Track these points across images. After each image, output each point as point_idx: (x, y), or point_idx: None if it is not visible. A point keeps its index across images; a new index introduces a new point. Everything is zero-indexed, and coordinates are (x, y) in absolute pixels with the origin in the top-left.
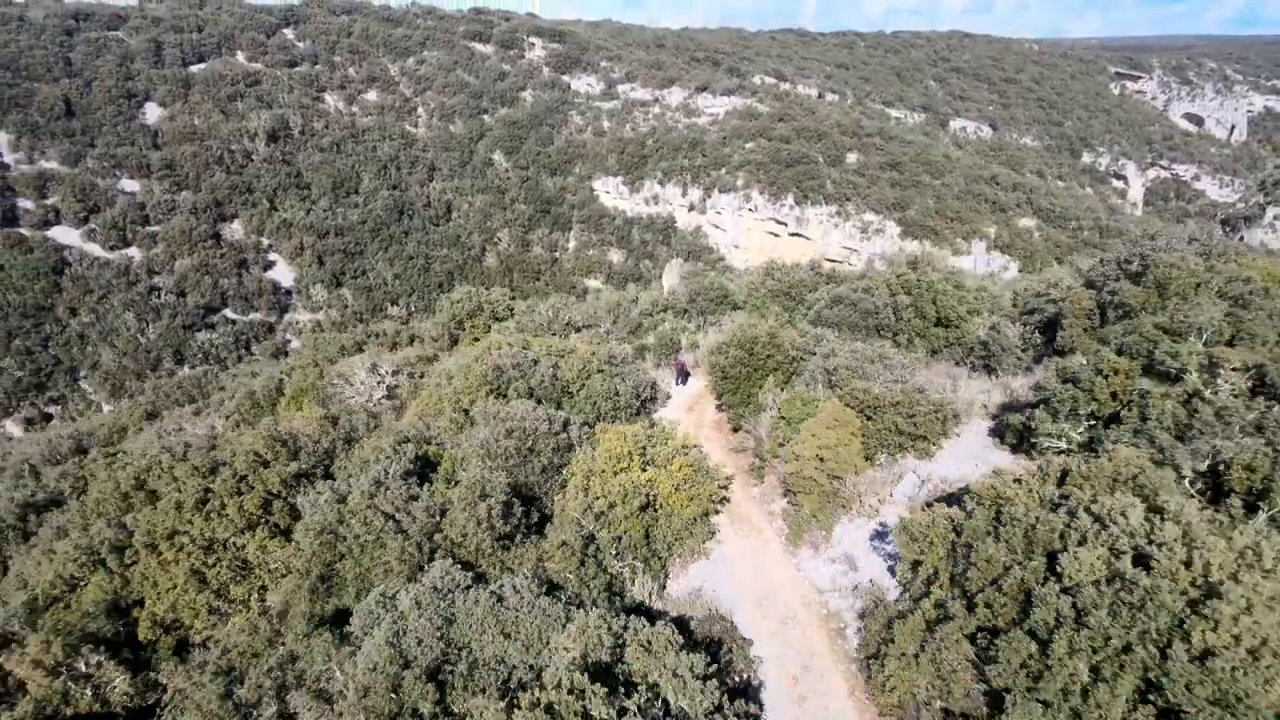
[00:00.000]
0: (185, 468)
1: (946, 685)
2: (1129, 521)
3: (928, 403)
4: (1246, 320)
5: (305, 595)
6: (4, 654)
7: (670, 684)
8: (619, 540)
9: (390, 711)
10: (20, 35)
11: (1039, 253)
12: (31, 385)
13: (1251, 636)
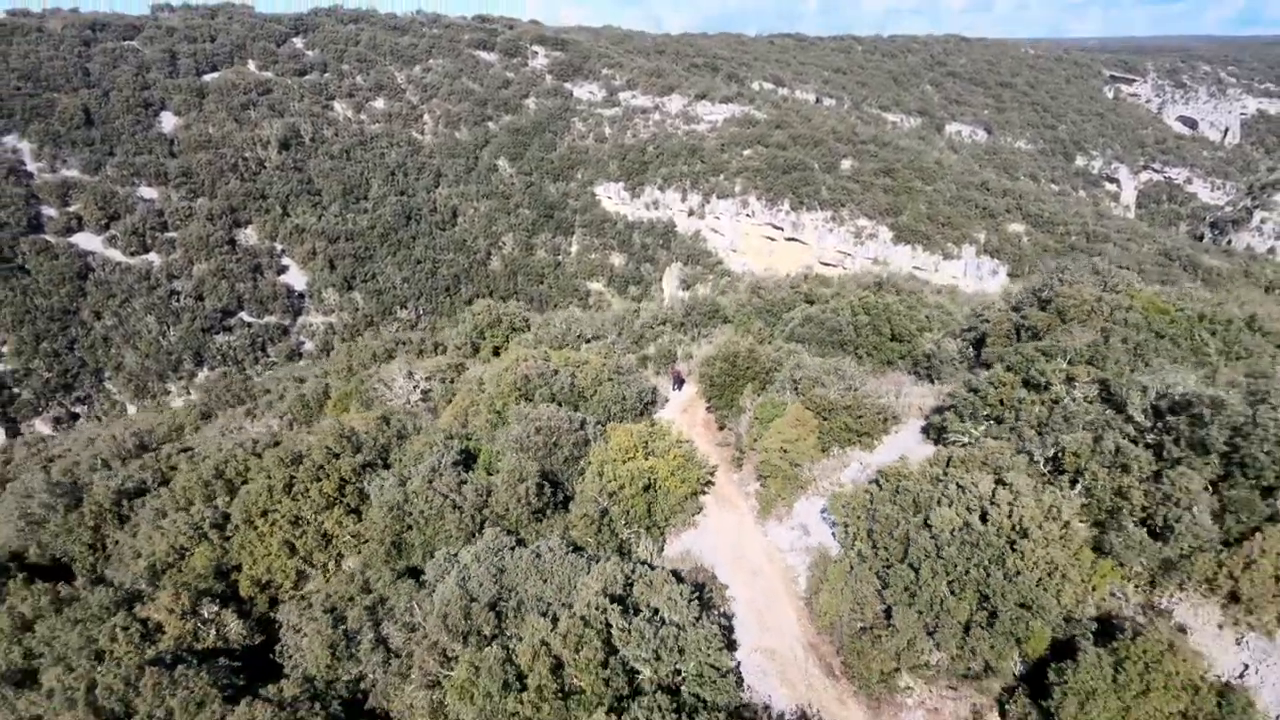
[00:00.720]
0: (272, 458)
1: (860, 608)
2: (979, 490)
3: (872, 406)
4: (1104, 346)
5: (382, 556)
6: (138, 606)
7: (665, 605)
8: (627, 514)
9: (462, 631)
10: (40, 46)
11: (1028, 256)
12: (59, 386)
13: (1047, 564)
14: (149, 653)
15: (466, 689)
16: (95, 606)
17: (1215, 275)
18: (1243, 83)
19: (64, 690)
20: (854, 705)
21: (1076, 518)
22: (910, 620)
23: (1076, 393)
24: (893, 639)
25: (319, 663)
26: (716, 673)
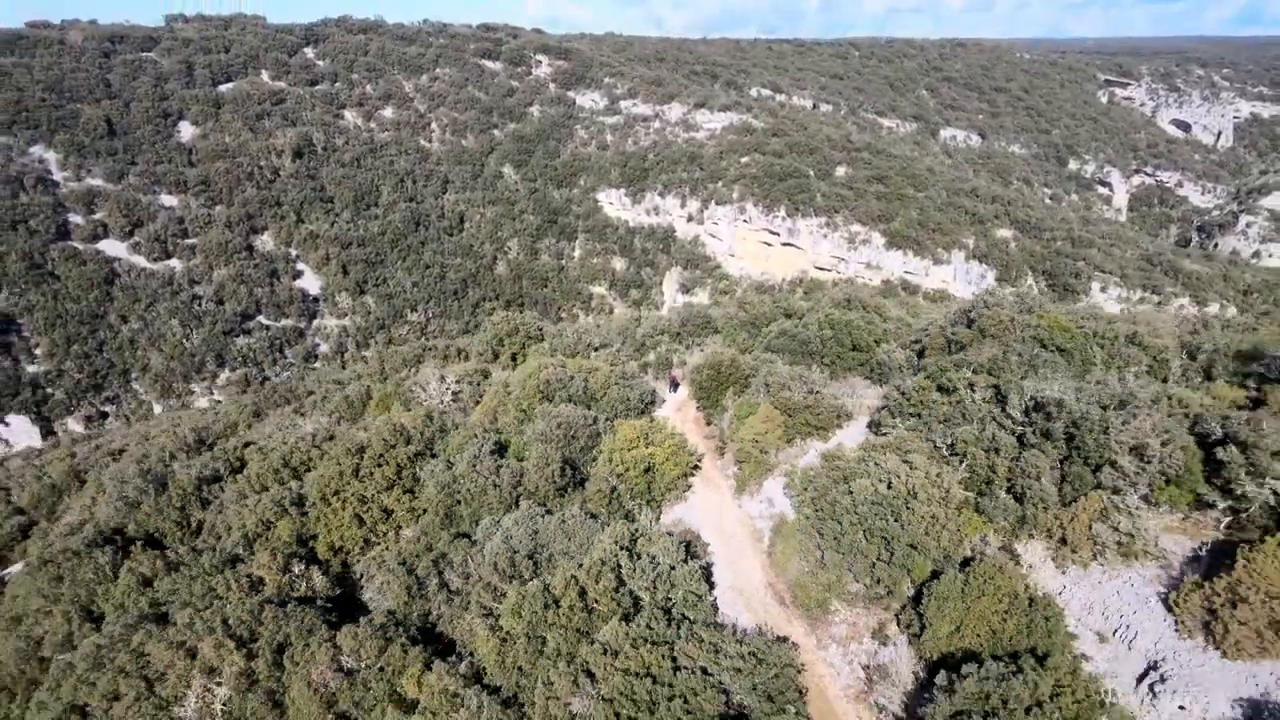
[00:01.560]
0: (340, 449)
1: (804, 555)
2: (887, 466)
3: (829, 406)
4: (1002, 359)
5: (437, 524)
6: (239, 565)
7: (660, 553)
8: (631, 490)
9: (509, 574)
10: (62, 59)
11: (1014, 261)
12: (89, 386)
13: (929, 518)
14: (250, 603)
15: (516, 610)
16: (206, 565)
17: (1195, 279)
18: (1236, 86)
19: (202, 623)
20: (798, 624)
21: (958, 486)
22: (836, 561)
23: (975, 395)
24: (825, 575)
25: (398, 600)
26: (696, 598)
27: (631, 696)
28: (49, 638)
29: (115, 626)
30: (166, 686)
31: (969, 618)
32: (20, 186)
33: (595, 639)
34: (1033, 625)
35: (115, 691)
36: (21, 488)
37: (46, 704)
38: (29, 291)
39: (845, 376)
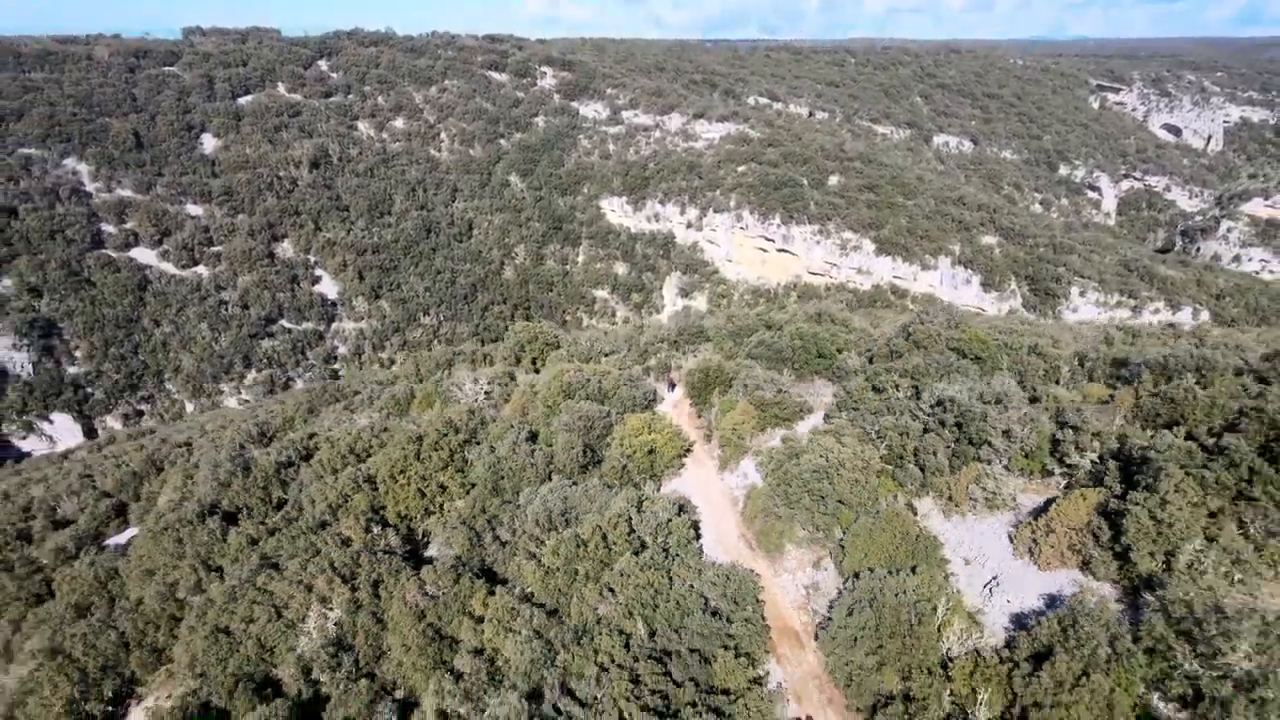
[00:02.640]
0: (402, 437)
1: (765, 511)
2: (825, 445)
3: (793, 402)
4: (924, 365)
5: (487, 495)
6: (327, 528)
7: (660, 510)
8: (638, 467)
9: (546, 527)
10: (90, 74)
11: (998, 267)
12: (126, 386)
13: (853, 482)
14: (348, 552)
15: (555, 550)
16: (304, 527)
17: (1170, 285)
18: (1226, 91)
19: (314, 566)
20: (761, 561)
21: (878, 459)
22: (788, 514)
23: (899, 393)
24: (780, 524)
25: (462, 549)
26: (686, 541)
27: (640, 601)
28: (182, 583)
29: (241, 571)
30: (290, 612)
31: (873, 548)
32: (56, 197)
33: (613, 568)
34: (916, 553)
35: (251, 616)
36: (105, 475)
37: (196, 628)
38: (68, 297)
39: (811, 379)
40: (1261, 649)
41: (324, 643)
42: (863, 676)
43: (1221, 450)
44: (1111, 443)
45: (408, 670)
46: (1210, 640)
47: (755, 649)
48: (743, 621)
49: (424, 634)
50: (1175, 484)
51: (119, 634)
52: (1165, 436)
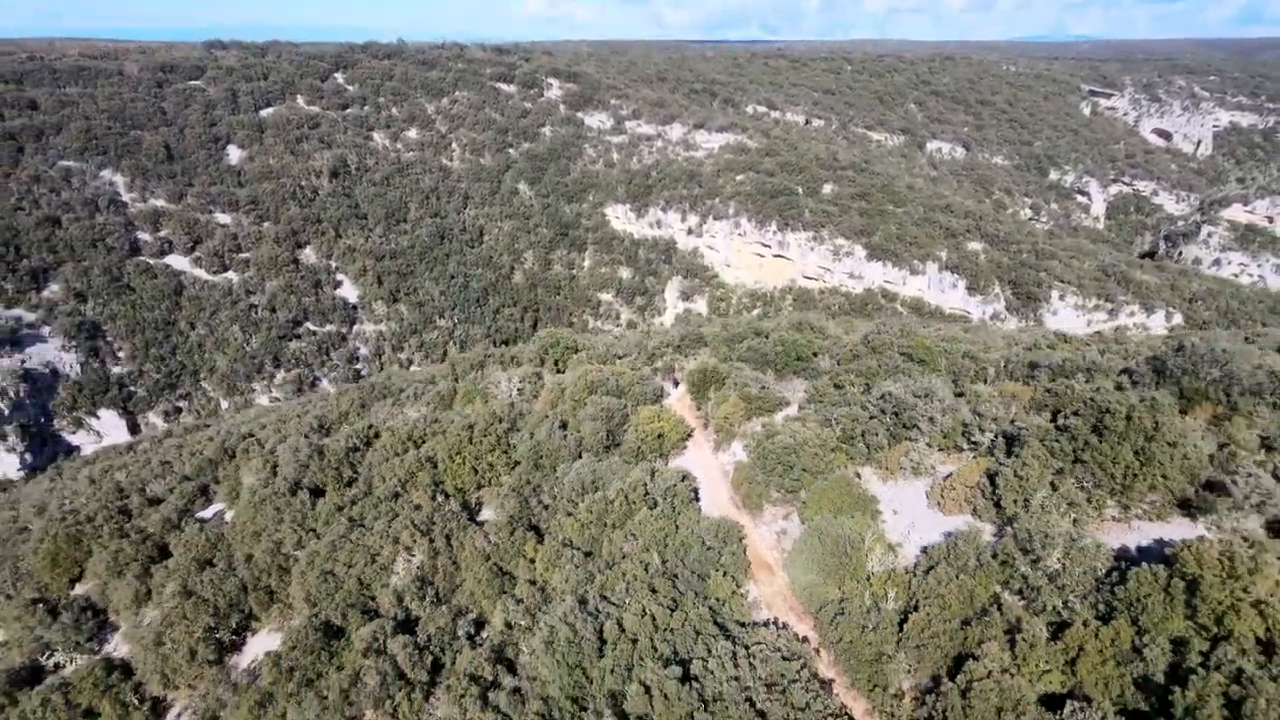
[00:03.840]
0: (456, 426)
1: (749, 477)
2: (794, 429)
3: (773, 397)
4: (876, 367)
5: (530, 470)
6: (400, 498)
7: (668, 479)
8: (649, 448)
9: (580, 492)
10: (122, 89)
11: (983, 272)
12: (165, 385)
13: (814, 455)
14: (422, 514)
15: (589, 508)
16: (379, 498)
17: (1144, 289)
18: (1216, 96)
19: (399, 524)
20: (745, 516)
21: (834, 439)
22: (764, 480)
23: (854, 390)
24: (758, 488)
25: (513, 510)
26: (687, 500)
27: (654, 540)
28: (285, 540)
29: (336, 530)
30: (381, 558)
31: (826, 504)
32: (95, 207)
33: (634, 519)
34: (858, 506)
35: (350, 562)
36: (182, 461)
37: (306, 572)
38: (111, 302)
39: (790, 378)
40: (1066, 555)
41: (411, 580)
42: (812, 589)
43: (1067, 429)
44: (1005, 425)
45: (478, 598)
46: (1037, 552)
47: (738, 574)
48: (729, 554)
49: (490, 570)
50: (1033, 452)
51: (238, 580)
52: (1034, 419)
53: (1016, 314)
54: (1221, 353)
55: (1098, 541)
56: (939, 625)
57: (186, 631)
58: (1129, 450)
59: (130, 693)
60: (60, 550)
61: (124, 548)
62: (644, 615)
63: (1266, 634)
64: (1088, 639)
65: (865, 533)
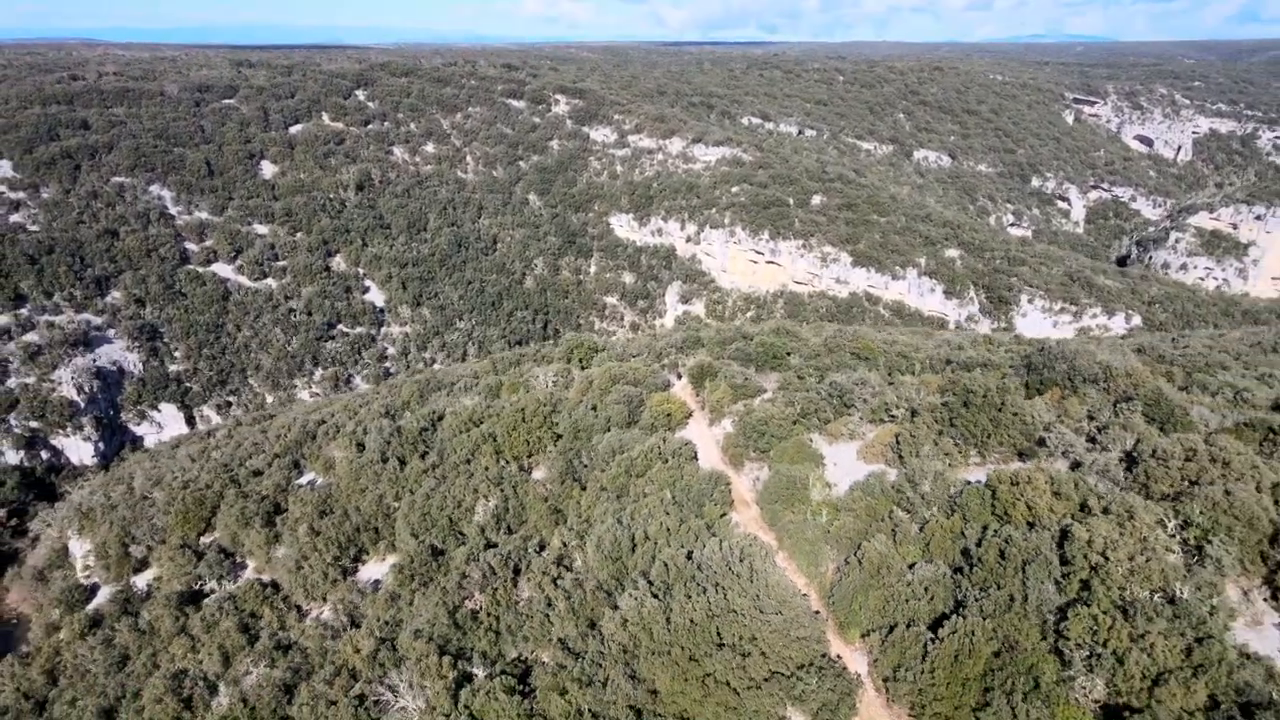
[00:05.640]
0: (510, 410)
1: (734, 442)
2: (765, 406)
3: (754, 386)
4: (830, 364)
5: (571, 438)
6: (470, 463)
7: (675, 444)
8: (660, 424)
9: (612, 453)
10: (164, 108)
11: (960, 277)
12: (217, 382)
13: (778, 428)
14: (491, 472)
15: (618, 464)
16: (452, 463)
17: (1107, 293)
18: (1196, 103)
19: (476, 479)
20: (730, 470)
21: (794, 414)
22: (744, 443)
23: (811, 380)
24: (739, 449)
25: (561, 468)
26: (689, 459)
27: (666, 483)
28: (386, 495)
29: (427, 484)
30: (465, 504)
31: (785, 457)
32: (148, 220)
33: (651, 470)
34: (807, 459)
35: (443, 505)
36: (270, 442)
37: (408, 514)
38: (166, 306)
39: (767, 372)
40: (936, 485)
41: (489, 518)
42: (775, 512)
43: (947, 404)
44: (913, 403)
45: (540, 529)
46: (921, 484)
47: (724, 505)
48: (718, 492)
49: (548, 509)
50: (924, 420)
51: (352, 523)
52: (932, 398)
53: (989, 316)
54: (1070, 352)
55: (956, 475)
56: (851, 527)
57: (320, 559)
58: (986, 418)
59: (281, 602)
60: (189, 509)
61: (248, 505)
62: (661, 526)
63: (1031, 517)
64: (937, 528)
65: (811, 476)
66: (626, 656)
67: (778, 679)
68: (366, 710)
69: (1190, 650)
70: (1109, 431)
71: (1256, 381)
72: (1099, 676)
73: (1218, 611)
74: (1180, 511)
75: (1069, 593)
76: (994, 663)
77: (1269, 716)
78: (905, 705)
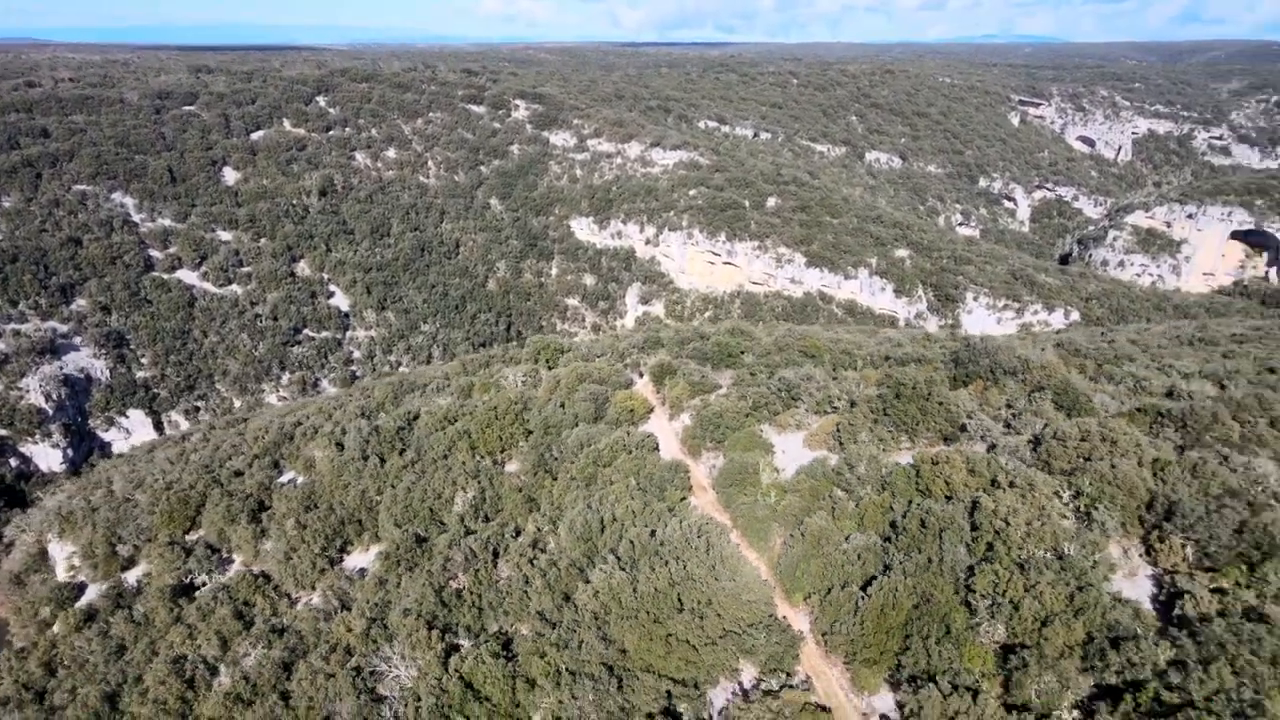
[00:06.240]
0: (483, 409)
1: (690, 433)
2: (718, 400)
3: (710, 383)
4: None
5: (542, 433)
6: (448, 459)
7: (639, 436)
8: (624, 418)
9: (580, 446)
10: (125, 116)
11: (909, 276)
12: (184, 387)
13: (733, 419)
14: (468, 465)
15: (586, 456)
16: (430, 459)
17: (1047, 290)
18: (1135, 105)
19: (454, 473)
20: (689, 460)
21: (746, 407)
22: (701, 435)
23: (763, 376)
24: (697, 440)
25: (533, 461)
26: (651, 449)
27: (630, 472)
28: (369, 489)
29: (408, 478)
30: (445, 495)
31: (738, 446)
32: (111, 228)
33: (616, 461)
34: (757, 447)
35: (423, 498)
36: (248, 444)
37: (391, 505)
38: (132, 313)
39: (722, 369)
40: (870, 467)
41: (468, 507)
42: (729, 495)
43: (881, 395)
44: (853, 395)
45: (515, 516)
46: (857, 467)
47: (684, 490)
48: (678, 479)
49: (522, 498)
50: (861, 410)
51: (337, 516)
52: (869, 390)
53: (937, 314)
54: (993, 348)
55: (888, 458)
56: (796, 506)
57: (308, 550)
58: (915, 408)
59: (273, 590)
60: (174, 508)
61: (234, 502)
62: (627, 509)
63: (949, 491)
64: (869, 504)
65: (761, 462)
66: (598, 622)
67: (731, 636)
68: (363, 680)
69: (1073, 597)
70: (1022, 417)
71: (1157, 372)
72: (999, 622)
73: (1098, 565)
74: (1073, 484)
75: (977, 554)
76: (914, 614)
77: (1132, 646)
78: (840, 654)
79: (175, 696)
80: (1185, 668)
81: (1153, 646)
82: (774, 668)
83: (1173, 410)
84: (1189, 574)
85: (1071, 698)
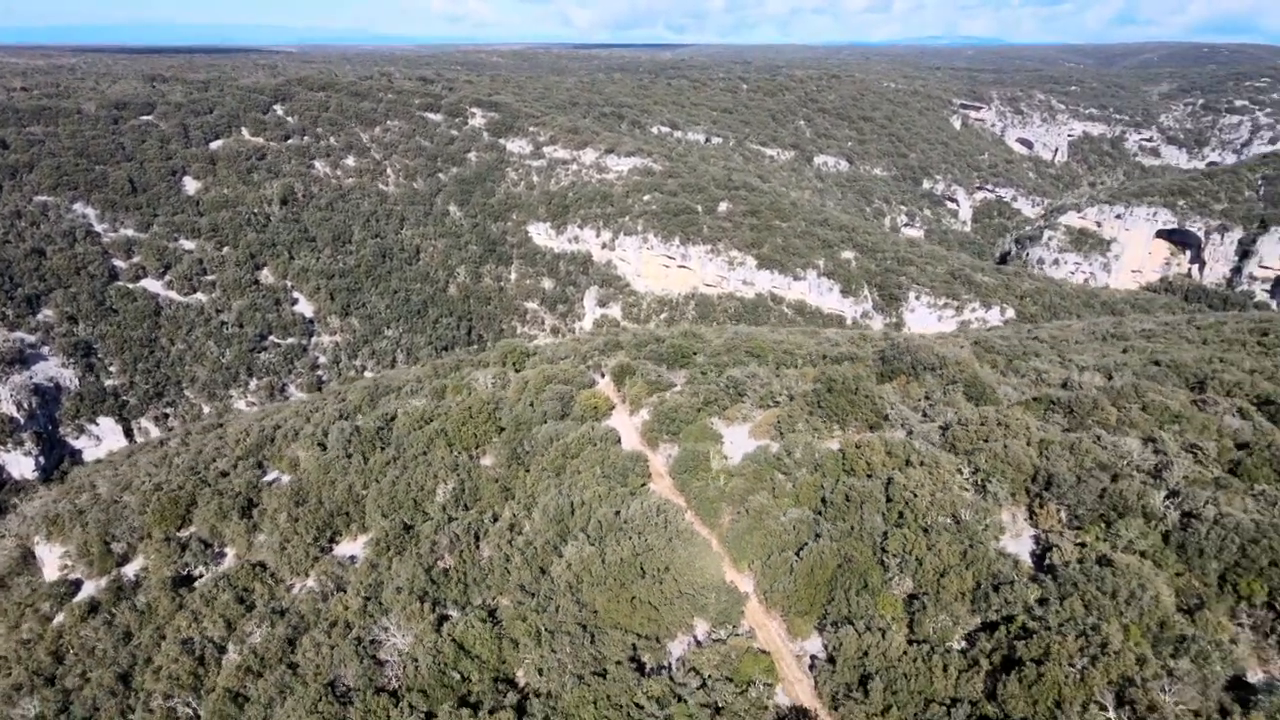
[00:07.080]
0: (458, 408)
1: (650, 427)
2: (673, 396)
3: (665, 382)
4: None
5: (514, 430)
6: (427, 455)
7: (602, 430)
8: (589, 415)
9: (550, 441)
10: (83, 126)
11: (855, 277)
12: (153, 395)
13: (686, 411)
14: (447, 460)
15: (556, 449)
16: (410, 456)
17: (984, 289)
18: (1071, 108)
19: (434, 467)
20: (648, 451)
21: (698, 402)
22: (659, 428)
23: (713, 375)
24: (655, 434)
25: (507, 455)
26: (613, 442)
27: (596, 461)
28: (355, 484)
29: (392, 473)
30: (427, 488)
31: (691, 438)
32: (74, 239)
33: (583, 453)
34: (708, 437)
35: (407, 490)
36: (231, 447)
37: (378, 499)
38: (99, 323)
39: (678, 369)
40: (805, 453)
41: (449, 498)
42: (684, 480)
43: (815, 390)
44: (792, 391)
45: (492, 504)
46: (795, 453)
47: (644, 477)
48: (639, 467)
49: (499, 488)
50: (797, 404)
51: (326, 510)
52: (806, 386)
53: (882, 313)
54: (914, 347)
55: (821, 445)
56: (741, 487)
57: (301, 540)
58: (845, 400)
59: (270, 578)
60: (166, 507)
61: (224, 500)
62: (594, 494)
63: (869, 471)
64: (804, 484)
65: (712, 451)
66: (572, 590)
67: (686, 597)
68: (365, 648)
69: (965, 553)
70: (936, 408)
71: (1058, 365)
72: (907, 576)
73: (989, 528)
74: (972, 461)
75: (890, 521)
76: (838, 573)
77: (1009, 589)
78: (778, 609)
79: (188, 672)
80: (1047, 603)
81: (1025, 589)
82: (722, 622)
83: (1063, 399)
84: (1060, 532)
85: (961, 631)
